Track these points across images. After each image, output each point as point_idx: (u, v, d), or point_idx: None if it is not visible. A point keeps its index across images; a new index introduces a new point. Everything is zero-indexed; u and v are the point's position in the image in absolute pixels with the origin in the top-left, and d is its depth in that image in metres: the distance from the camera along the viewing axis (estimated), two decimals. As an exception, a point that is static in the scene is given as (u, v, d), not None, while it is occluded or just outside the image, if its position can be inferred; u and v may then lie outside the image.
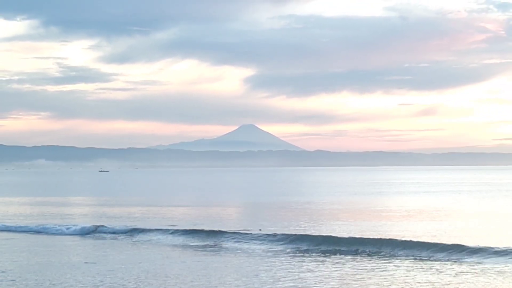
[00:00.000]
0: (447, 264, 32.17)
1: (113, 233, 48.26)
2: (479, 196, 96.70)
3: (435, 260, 33.15)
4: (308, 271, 30.46)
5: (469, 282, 27.18)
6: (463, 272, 29.57)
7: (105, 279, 28.88)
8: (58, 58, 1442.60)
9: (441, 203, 78.60)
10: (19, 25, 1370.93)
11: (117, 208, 76.96)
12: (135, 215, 65.37)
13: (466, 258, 33.15)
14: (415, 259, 33.71)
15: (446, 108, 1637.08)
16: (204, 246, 40.70)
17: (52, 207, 79.85)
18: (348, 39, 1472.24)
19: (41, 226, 52.60)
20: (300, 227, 50.02)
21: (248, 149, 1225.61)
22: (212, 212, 68.93)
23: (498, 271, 29.48)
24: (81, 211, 73.89)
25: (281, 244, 39.96)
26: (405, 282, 27.33)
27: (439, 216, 59.85)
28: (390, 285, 26.95)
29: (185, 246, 41.06)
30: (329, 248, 37.62)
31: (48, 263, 34.05)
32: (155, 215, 64.55)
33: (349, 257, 34.68)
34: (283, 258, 34.86)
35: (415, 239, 38.46)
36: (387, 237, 39.09)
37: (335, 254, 35.83)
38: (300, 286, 27.06)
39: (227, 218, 61.57)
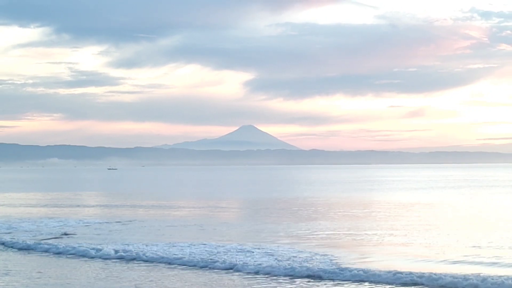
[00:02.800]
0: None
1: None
2: (469, 191, 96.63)
3: None
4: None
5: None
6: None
7: None
8: (70, 63, 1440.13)
9: (431, 198, 78.51)
10: (33, 32, 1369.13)
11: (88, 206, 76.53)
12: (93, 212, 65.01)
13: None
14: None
15: (433, 110, 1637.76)
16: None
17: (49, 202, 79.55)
18: (341, 46, 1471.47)
19: None
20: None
21: (247, 148, 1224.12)
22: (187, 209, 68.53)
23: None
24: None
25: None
26: None
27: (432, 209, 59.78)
28: None
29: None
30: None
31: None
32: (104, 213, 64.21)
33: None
34: None
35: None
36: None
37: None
38: None
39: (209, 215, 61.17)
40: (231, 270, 28.06)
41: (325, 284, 25.04)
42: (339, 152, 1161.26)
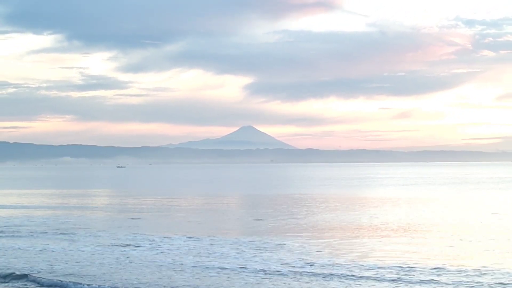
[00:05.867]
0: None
1: None
2: (453, 188, 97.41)
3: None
4: None
5: None
6: None
7: None
8: (81, 68, 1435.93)
9: (421, 193, 79.35)
10: (46, 39, 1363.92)
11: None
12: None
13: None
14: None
15: (420, 112, 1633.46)
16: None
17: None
18: (334, 52, 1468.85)
19: None
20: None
21: (247, 148, 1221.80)
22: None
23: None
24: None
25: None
26: None
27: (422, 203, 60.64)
28: None
29: None
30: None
31: None
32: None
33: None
34: None
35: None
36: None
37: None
38: None
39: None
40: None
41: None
42: (333, 151, 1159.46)
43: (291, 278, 24.45)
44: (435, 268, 25.43)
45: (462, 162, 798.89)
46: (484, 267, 25.62)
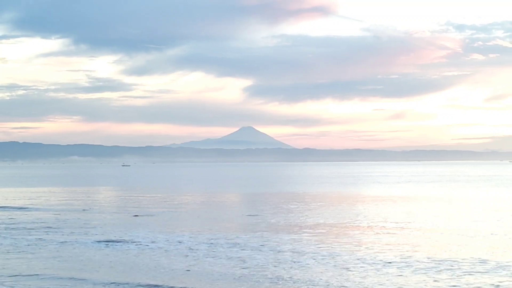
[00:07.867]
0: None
1: None
2: (444, 185, 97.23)
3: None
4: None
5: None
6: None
7: None
8: (87, 70, 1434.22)
9: (414, 191, 79.15)
10: (54, 43, 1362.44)
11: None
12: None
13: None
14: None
15: (413, 113, 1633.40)
16: None
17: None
18: (330, 55, 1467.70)
19: None
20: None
21: (247, 147, 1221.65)
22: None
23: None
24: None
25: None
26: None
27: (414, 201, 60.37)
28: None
29: None
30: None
31: None
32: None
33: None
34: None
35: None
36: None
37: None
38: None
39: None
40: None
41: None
42: (329, 150, 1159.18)
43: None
44: (431, 264, 25.16)
45: (453, 161, 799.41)
46: (464, 259, 25.33)
